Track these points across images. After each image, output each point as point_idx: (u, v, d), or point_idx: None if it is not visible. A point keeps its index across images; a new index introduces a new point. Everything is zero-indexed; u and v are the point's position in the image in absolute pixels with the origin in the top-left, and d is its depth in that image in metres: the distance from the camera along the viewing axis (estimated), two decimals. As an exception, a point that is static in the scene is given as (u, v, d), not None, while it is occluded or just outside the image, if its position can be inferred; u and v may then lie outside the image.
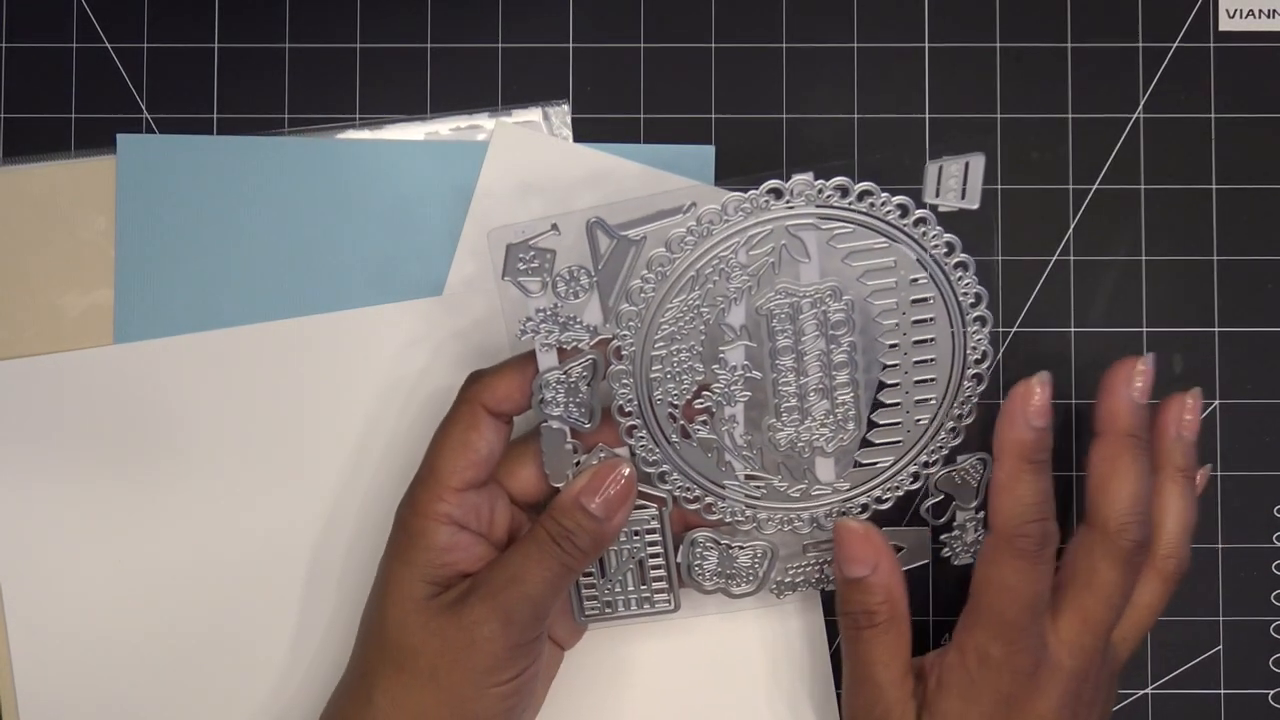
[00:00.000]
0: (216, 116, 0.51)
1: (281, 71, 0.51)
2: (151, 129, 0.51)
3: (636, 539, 0.46)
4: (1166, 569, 0.46)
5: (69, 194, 0.50)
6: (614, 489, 0.44)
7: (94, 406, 0.50)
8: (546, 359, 0.44)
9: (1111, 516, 0.44)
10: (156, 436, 0.50)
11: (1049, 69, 0.51)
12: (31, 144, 0.51)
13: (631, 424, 0.44)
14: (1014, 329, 0.51)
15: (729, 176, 0.50)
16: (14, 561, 0.50)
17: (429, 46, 0.51)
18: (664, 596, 0.47)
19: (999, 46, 0.51)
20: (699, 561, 0.47)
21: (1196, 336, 0.51)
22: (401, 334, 0.50)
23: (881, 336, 0.45)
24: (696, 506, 0.46)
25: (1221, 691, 0.51)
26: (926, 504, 0.46)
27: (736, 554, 0.47)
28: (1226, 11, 0.51)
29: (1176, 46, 0.51)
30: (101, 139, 0.51)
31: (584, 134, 0.51)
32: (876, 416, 0.45)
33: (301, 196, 0.50)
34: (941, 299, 0.44)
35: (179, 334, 0.50)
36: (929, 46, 0.51)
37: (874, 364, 0.45)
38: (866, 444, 0.46)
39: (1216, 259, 0.51)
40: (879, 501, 0.46)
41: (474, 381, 0.44)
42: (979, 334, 0.45)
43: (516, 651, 0.43)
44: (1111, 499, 0.44)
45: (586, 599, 0.47)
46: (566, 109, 0.51)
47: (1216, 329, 0.51)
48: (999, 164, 0.51)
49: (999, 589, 0.43)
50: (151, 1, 0.51)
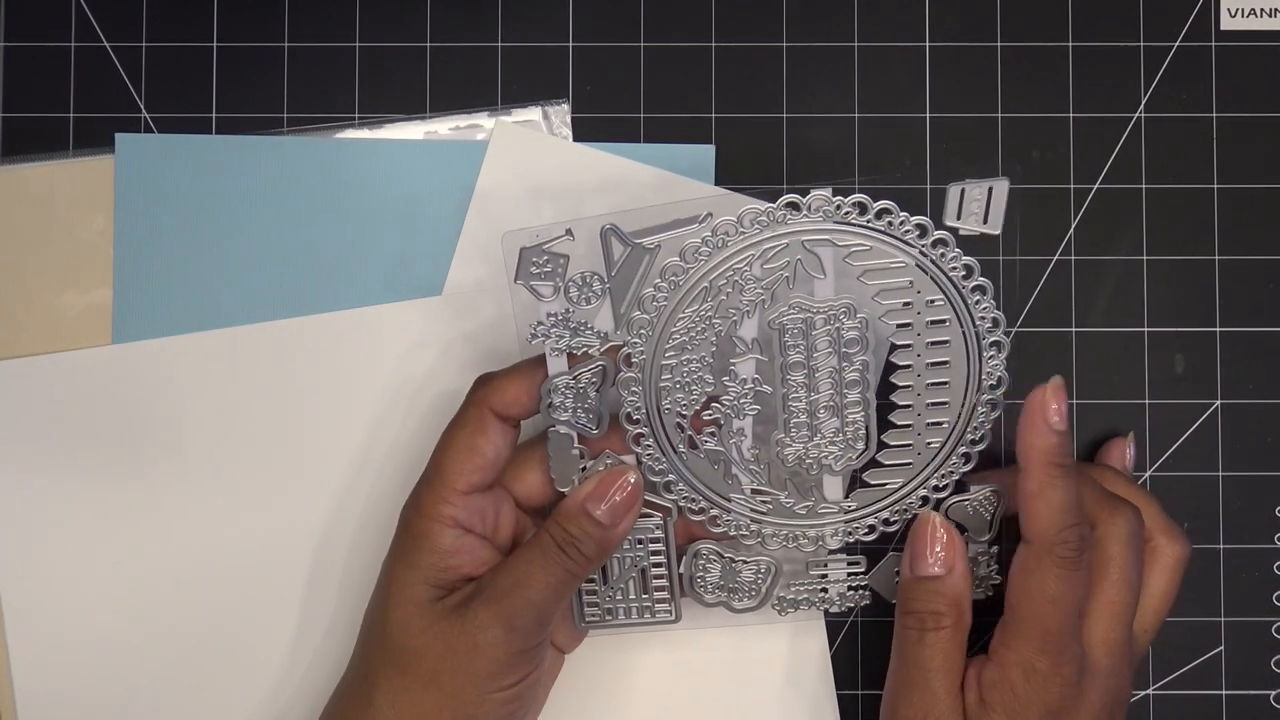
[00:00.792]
0: (215, 116, 0.51)
1: (280, 71, 0.51)
2: (150, 128, 0.51)
3: (640, 547, 0.46)
4: (1174, 552, 0.46)
5: (67, 193, 0.50)
6: (620, 496, 0.44)
7: (92, 407, 0.50)
8: (556, 364, 0.44)
9: (1098, 510, 0.44)
10: (155, 437, 0.50)
11: (1050, 68, 0.51)
12: (30, 143, 0.51)
13: (639, 432, 0.44)
14: (1015, 329, 0.51)
15: (731, 180, 0.50)
16: (13, 561, 0.50)
17: (428, 46, 0.51)
18: (665, 607, 0.47)
19: (999, 46, 0.51)
20: (701, 573, 0.47)
21: (1197, 336, 0.51)
22: (401, 334, 0.50)
23: (895, 356, 0.44)
24: (701, 518, 0.46)
25: (1223, 692, 0.51)
26: None
27: (740, 568, 0.47)
28: (1228, 11, 0.51)
29: (1178, 46, 0.51)
30: (100, 138, 0.51)
31: (584, 133, 0.51)
32: (887, 437, 0.45)
33: (300, 196, 0.50)
34: (958, 321, 0.44)
35: (177, 334, 0.50)
36: (929, 46, 0.51)
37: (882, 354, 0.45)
38: (876, 464, 0.45)
39: (1218, 259, 0.51)
40: (886, 523, 0.46)
41: (482, 384, 0.44)
42: (995, 359, 0.44)
43: (519, 657, 0.43)
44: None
45: (587, 605, 0.47)
46: (566, 108, 0.51)
47: (1218, 329, 0.51)
48: (999, 164, 0.51)
49: (1041, 599, 0.42)
50: (150, 1, 0.51)
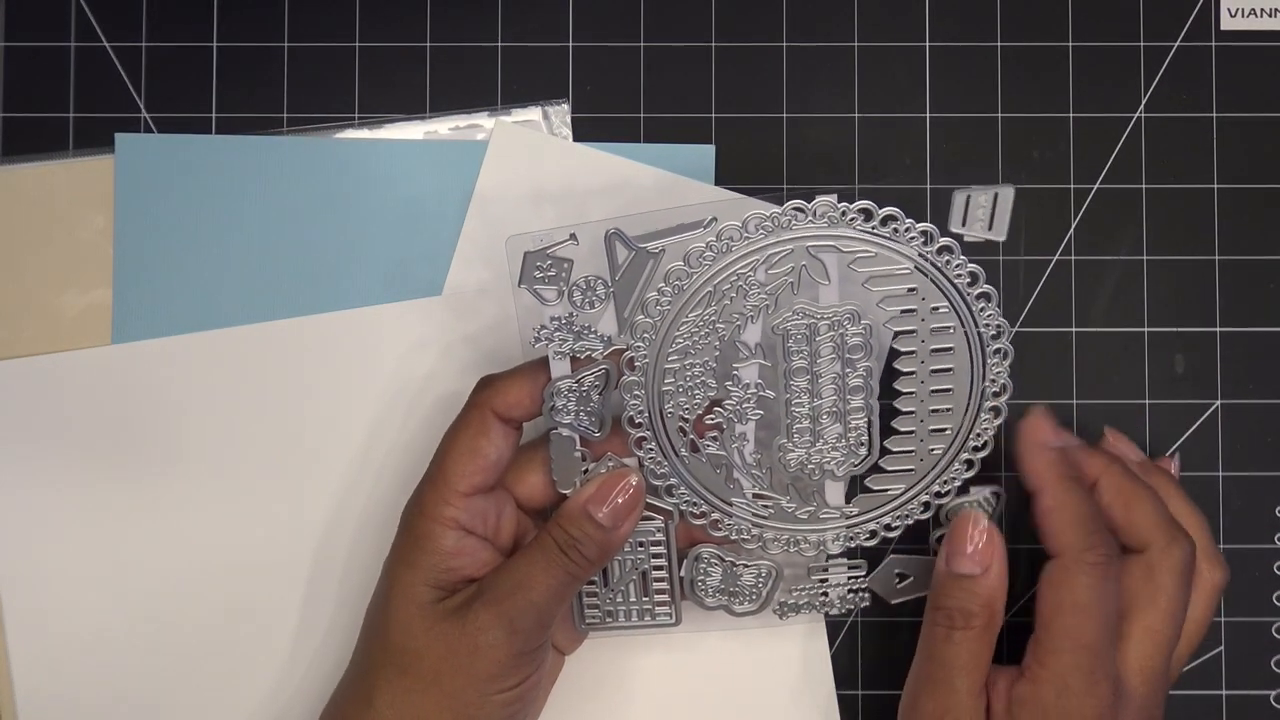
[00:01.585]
0: (215, 116, 0.51)
1: (280, 71, 0.51)
2: (150, 128, 0.51)
3: (641, 550, 0.46)
4: (1214, 579, 0.45)
5: (67, 193, 0.50)
6: (621, 498, 0.44)
7: (92, 407, 0.50)
8: (559, 367, 0.44)
9: (1157, 534, 0.44)
10: (155, 437, 0.50)
11: (1050, 68, 0.51)
12: (30, 143, 0.51)
13: (641, 435, 0.44)
14: (1015, 329, 0.51)
15: (732, 180, 0.50)
16: (13, 561, 0.50)
17: (428, 45, 0.51)
18: (665, 610, 0.47)
19: (999, 46, 0.51)
20: (702, 577, 0.47)
21: (1198, 337, 0.51)
22: (401, 334, 0.50)
23: (898, 362, 0.44)
24: (702, 522, 0.45)
25: (1223, 692, 0.51)
26: (937, 535, 0.46)
27: (741, 572, 0.47)
28: (1228, 10, 0.51)
29: (1178, 45, 0.51)
30: (100, 138, 0.50)
31: (584, 133, 0.51)
32: (890, 443, 0.45)
33: (300, 196, 0.50)
34: (962, 329, 0.44)
35: (177, 334, 0.50)
36: (929, 45, 0.51)
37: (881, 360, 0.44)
38: (878, 470, 0.45)
39: (1218, 259, 0.51)
40: (888, 529, 0.46)
41: (485, 386, 0.44)
42: (999, 366, 0.44)
43: (520, 659, 0.43)
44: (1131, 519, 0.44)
45: (588, 607, 0.47)
46: (566, 108, 0.51)
47: (1218, 329, 0.51)
48: (999, 164, 0.51)
49: (1073, 611, 0.42)
50: (150, 1, 0.51)
